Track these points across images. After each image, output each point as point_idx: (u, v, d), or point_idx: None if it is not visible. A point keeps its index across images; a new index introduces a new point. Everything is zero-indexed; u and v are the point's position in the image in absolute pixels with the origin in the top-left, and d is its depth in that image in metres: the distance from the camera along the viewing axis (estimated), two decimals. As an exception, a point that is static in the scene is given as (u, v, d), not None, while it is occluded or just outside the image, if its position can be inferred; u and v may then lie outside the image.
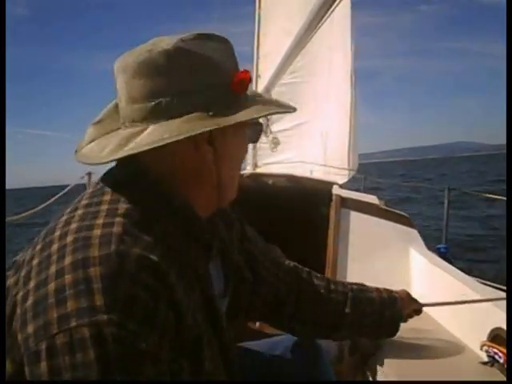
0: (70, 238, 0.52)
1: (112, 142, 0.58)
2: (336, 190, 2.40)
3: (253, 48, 3.93)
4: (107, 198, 0.58)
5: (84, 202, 0.59)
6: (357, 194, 2.40)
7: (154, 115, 0.57)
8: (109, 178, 0.63)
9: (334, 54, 3.78)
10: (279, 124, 4.00)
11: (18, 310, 0.49)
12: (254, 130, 0.70)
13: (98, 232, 0.51)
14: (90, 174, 3.37)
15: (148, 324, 0.48)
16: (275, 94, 3.50)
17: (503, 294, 1.19)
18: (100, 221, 0.53)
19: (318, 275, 0.98)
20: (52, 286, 0.47)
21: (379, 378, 1.02)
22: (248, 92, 0.65)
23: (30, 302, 0.48)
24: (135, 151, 0.55)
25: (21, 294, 0.50)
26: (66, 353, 0.44)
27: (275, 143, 3.64)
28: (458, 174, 30.98)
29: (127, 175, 0.61)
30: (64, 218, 0.57)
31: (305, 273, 0.96)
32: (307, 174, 3.34)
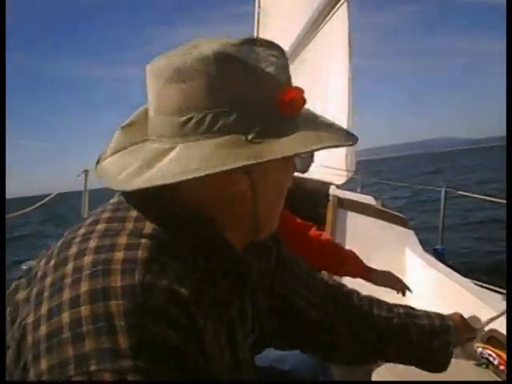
0: (87, 259, 0.45)
1: (134, 163, 0.50)
2: (333, 191, 2.41)
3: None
4: (133, 214, 0.50)
5: (106, 214, 0.51)
6: (354, 194, 2.41)
7: (184, 132, 0.49)
8: (134, 192, 0.53)
9: (333, 53, 3.78)
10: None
11: (29, 339, 0.43)
12: (305, 161, 0.59)
13: (120, 255, 0.44)
14: (87, 171, 3.08)
15: (179, 369, 0.42)
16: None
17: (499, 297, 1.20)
18: (123, 240, 0.46)
19: (362, 296, 0.86)
20: (66, 316, 0.41)
21: (376, 378, 1.03)
22: (302, 111, 0.55)
23: (42, 332, 0.42)
24: (150, 184, 0.47)
25: (32, 318, 0.44)
26: None
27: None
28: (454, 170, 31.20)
29: (154, 191, 0.52)
30: (82, 230, 0.49)
31: (346, 294, 0.85)
32: (305, 175, 3.34)
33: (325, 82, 3.87)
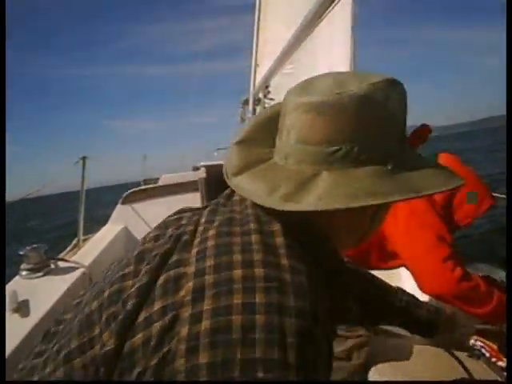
0: (259, 272, 0.47)
1: (284, 185, 0.55)
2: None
3: (252, 36, 3.89)
4: (277, 228, 0.54)
5: (254, 226, 0.55)
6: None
7: (329, 161, 0.55)
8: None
9: (334, 46, 3.75)
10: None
11: (184, 330, 0.44)
12: None
13: (288, 277, 0.48)
14: (85, 157, 3.03)
15: (328, 373, 0.49)
16: (274, 84, 3.48)
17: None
18: (285, 262, 0.50)
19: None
20: (238, 319, 0.43)
21: (376, 375, 1.05)
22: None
23: (204, 326, 0.43)
24: (315, 208, 0.50)
25: (188, 312, 0.45)
26: None
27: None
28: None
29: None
30: (238, 239, 0.52)
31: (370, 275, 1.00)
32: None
33: (327, 66, 3.84)
